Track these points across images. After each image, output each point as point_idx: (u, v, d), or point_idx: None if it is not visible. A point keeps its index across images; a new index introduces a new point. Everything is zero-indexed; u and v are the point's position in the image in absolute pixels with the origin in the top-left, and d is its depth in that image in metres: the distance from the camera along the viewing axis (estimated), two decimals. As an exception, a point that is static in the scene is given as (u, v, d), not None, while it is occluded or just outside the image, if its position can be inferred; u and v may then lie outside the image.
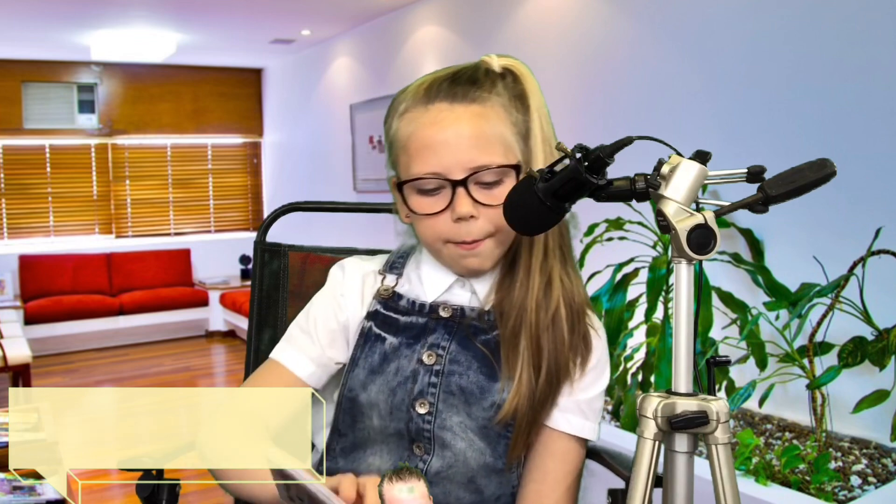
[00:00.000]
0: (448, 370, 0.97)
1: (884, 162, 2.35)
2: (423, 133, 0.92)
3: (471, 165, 0.90)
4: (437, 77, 0.95)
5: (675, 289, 0.77)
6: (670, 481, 0.77)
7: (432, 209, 0.93)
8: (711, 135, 2.90)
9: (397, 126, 0.95)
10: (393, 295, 1.02)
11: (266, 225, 1.38)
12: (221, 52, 6.49)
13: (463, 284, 1.01)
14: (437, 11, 4.67)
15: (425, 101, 0.93)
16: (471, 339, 0.98)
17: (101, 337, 6.28)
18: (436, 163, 0.91)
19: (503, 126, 0.93)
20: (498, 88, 0.94)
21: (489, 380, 0.96)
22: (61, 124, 6.59)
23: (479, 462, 0.97)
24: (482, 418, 0.96)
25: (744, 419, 2.56)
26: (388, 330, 1.00)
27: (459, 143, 0.90)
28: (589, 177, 0.76)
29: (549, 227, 0.84)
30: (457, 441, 0.96)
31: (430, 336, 0.98)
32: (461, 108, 0.91)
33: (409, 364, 0.97)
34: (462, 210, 0.91)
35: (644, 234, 2.61)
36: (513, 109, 0.94)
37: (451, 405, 0.96)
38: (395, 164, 0.98)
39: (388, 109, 0.99)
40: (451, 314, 0.99)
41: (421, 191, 0.93)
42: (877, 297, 2.13)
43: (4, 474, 1.69)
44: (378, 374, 0.98)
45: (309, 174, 6.58)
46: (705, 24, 2.96)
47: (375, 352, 0.99)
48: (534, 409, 0.95)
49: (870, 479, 2.07)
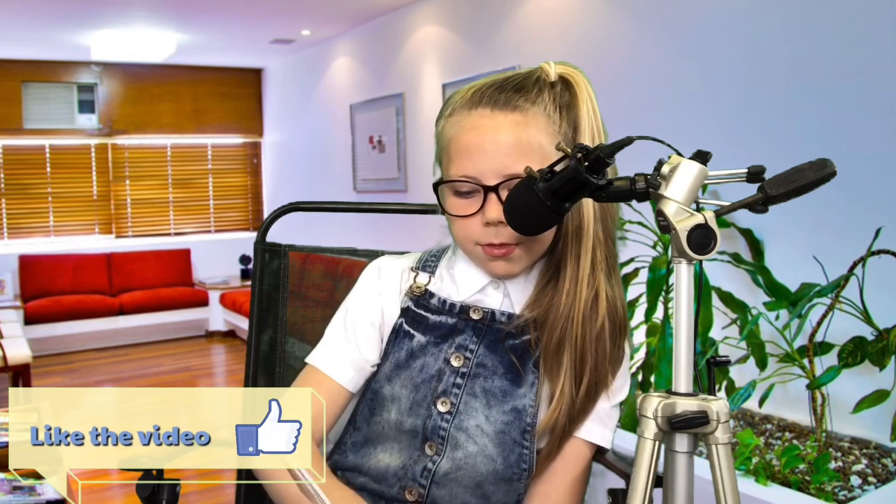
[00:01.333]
0: (474, 373, 0.98)
1: (884, 162, 2.35)
2: (462, 137, 0.94)
3: (505, 172, 0.91)
4: (487, 82, 0.97)
5: (675, 289, 0.77)
6: (670, 481, 0.77)
7: (464, 211, 0.95)
8: (711, 135, 2.90)
9: (443, 126, 0.98)
10: (425, 293, 1.03)
11: (266, 225, 1.38)
12: (221, 52, 6.49)
13: (497, 286, 1.01)
14: (437, 11, 4.67)
15: (469, 106, 0.95)
16: (499, 342, 0.99)
17: (101, 337, 6.28)
18: (471, 167, 0.93)
19: (543, 136, 0.93)
20: (544, 97, 0.95)
21: (513, 385, 0.97)
22: (61, 124, 6.59)
23: (488, 468, 0.97)
24: (500, 422, 0.96)
25: (744, 419, 2.56)
26: (417, 328, 1.01)
27: (496, 149, 0.92)
28: (589, 177, 0.76)
29: (550, 227, 0.84)
30: (469, 444, 0.96)
31: (458, 337, 0.99)
32: (501, 115, 0.93)
33: (435, 362, 0.98)
34: (491, 215, 0.92)
35: (644, 234, 2.61)
36: (557, 119, 0.94)
37: (471, 407, 0.97)
38: (440, 162, 1.00)
39: (441, 109, 1.01)
40: (481, 316, 1.00)
41: (457, 192, 0.95)
42: (877, 297, 2.13)
43: (4, 474, 1.69)
44: (403, 369, 0.99)
45: (309, 174, 6.58)
46: (705, 24, 2.96)
47: (403, 348, 1.00)
48: (571, 419, 0.96)
49: (870, 479, 2.07)
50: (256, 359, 1.36)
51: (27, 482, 1.68)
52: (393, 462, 0.99)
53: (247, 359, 1.37)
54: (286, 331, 1.35)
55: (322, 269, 1.32)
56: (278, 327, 1.35)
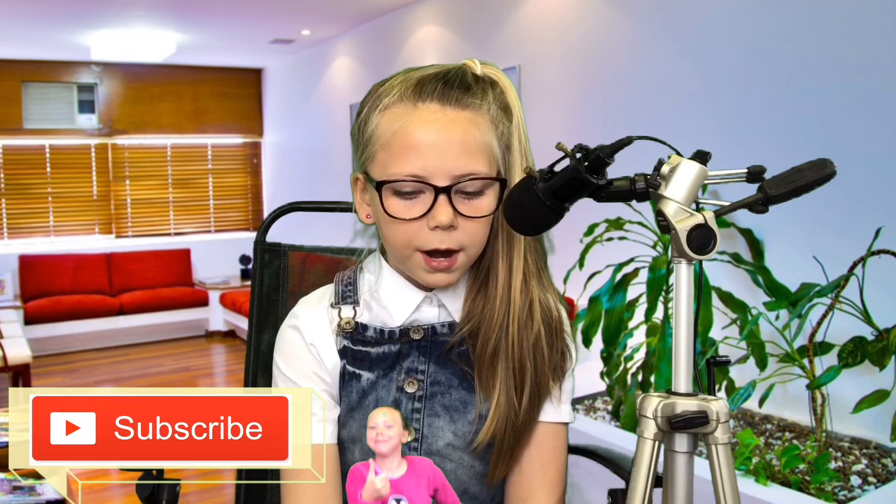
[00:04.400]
0: (430, 392, 0.95)
1: (884, 162, 2.35)
2: (409, 132, 0.87)
3: (456, 173, 0.86)
4: (426, 76, 0.91)
5: (675, 289, 0.77)
6: (670, 481, 0.77)
7: (408, 214, 0.87)
8: (711, 135, 2.90)
9: (378, 121, 0.90)
10: (356, 326, 0.96)
11: (266, 225, 1.38)
12: (221, 52, 6.49)
13: (431, 301, 0.96)
14: (437, 11, 4.67)
15: (414, 99, 0.88)
16: (445, 355, 0.95)
17: (101, 337, 6.28)
18: (420, 165, 0.86)
19: (491, 136, 0.89)
20: (489, 97, 0.91)
21: (470, 393, 0.95)
22: (61, 124, 6.59)
23: (469, 474, 0.96)
24: (469, 433, 0.94)
25: (744, 419, 2.56)
26: (360, 366, 0.95)
27: (448, 147, 0.86)
28: (589, 177, 0.76)
29: (549, 227, 0.84)
30: (445, 463, 0.95)
31: (405, 361, 0.95)
32: (453, 112, 0.88)
33: (388, 395, 0.94)
34: (442, 218, 0.86)
35: (644, 234, 2.61)
36: (499, 121, 0.91)
37: (436, 428, 0.94)
38: (368, 161, 0.92)
39: (363, 103, 0.94)
40: (422, 335, 0.95)
41: (397, 192, 0.88)
42: (877, 297, 2.13)
43: (4, 474, 1.69)
44: (357, 410, 0.95)
45: (309, 174, 6.57)
46: (705, 24, 2.96)
47: (353, 390, 0.95)
48: (517, 431, 0.93)
49: (870, 479, 2.07)
50: (256, 359, 1.36)
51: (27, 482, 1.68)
52: None
53: (247, 359, 1.37)
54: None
55: (322, 269, 1.32)
56: (278, 327, 1.35)
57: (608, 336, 2.39)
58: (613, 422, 2.55)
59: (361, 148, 0.93)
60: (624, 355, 2.52)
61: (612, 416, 2.58)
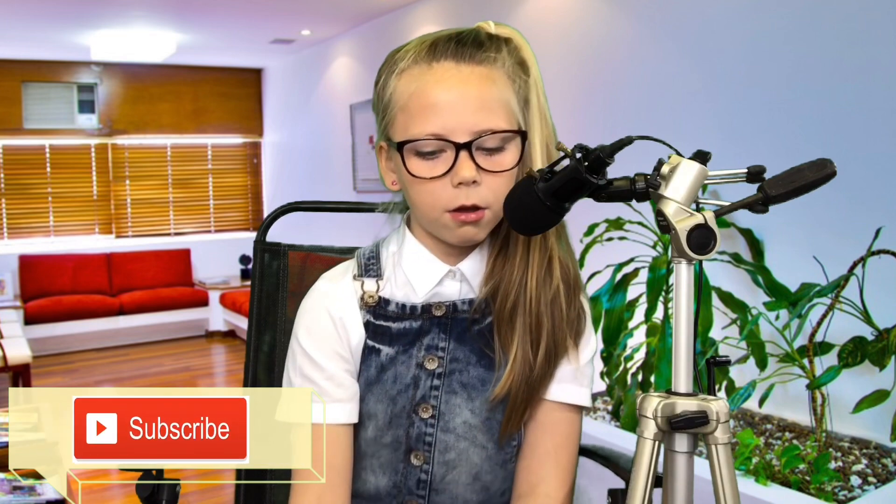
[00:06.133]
0: (449, 370, 0.95)
1: (884, 162, 2.35)
2: (426, 92, 0.87)
3: (475, 128, 0.86)
4: (440, 37, 0.90)
5: (675, 289, 0.77)
6: (670, 481, 0.77)
7: (431, 173, 0.88)
8: (711, 135, 2.90)
9: (395, 85, 0.90)
10: (380, 301, 0.97)
11: (266, 225, 1.38)
12: (221, 52, 6.49)
13: (454, 275, 0.96)
14: (437, 11, 4.67)
15: (429, 60, 0.88)
16: (466, 332, 0.96)
17: (101, 337, 6.28)
18: (439, 124, 0.86)
19: (508, 91, 0.89)
20: (503, 52, 0.91)
21: (488, 370, 0.95)
22: (61, 124, 6.59)
23: (481, 456, 0.96)
24: (486, 409, 0.95)
25: (744, 419, 2.56)
26: (381, 340, 0.96)
27: (466, 104, 0.86)
28: (589, 177, 0.76)
29: (550, 227, 0.83)
30: (461, 442, 0.95)
31: (425, 338, 0.96)
32: (468, 68, 0.88)
33: (407, 371, 0.95)
34: (464, 174, 0.86)
35: (644, 234, 2.61)
36: (515, 76, 0.91)
37: (453, 406, 0.95)
38: (388, 126, 0.92)
39: (381, 70, 0.94)
40: (444, 312, 0.96)
41: (419, 153, 0.88)
42: (877, 297, 2.13)
43: (4, 474, 1.69)
44: (375, 385, 0.95)
45: (309, 174, 6.58)
46: (705, 24, 2.96)
47: (371, 364, 0.96)
48: (531, 386, 0.93)
49: (870, 479, 2.07)
50: (256, 359, 1.36)
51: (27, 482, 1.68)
52: (381, 482, 0.97)
53: (246, 359, 1.37)
54: (286, 331, 1.35)
55: (322, 269, 1.32)
56: (278, 327, 1.35)
57: (608, 336, 2.39)
58: (613, 422, 2.55)
59: (381, 114, 0.94)
60: (624, 355, 2.52)
61: (612, 416, 2.58)
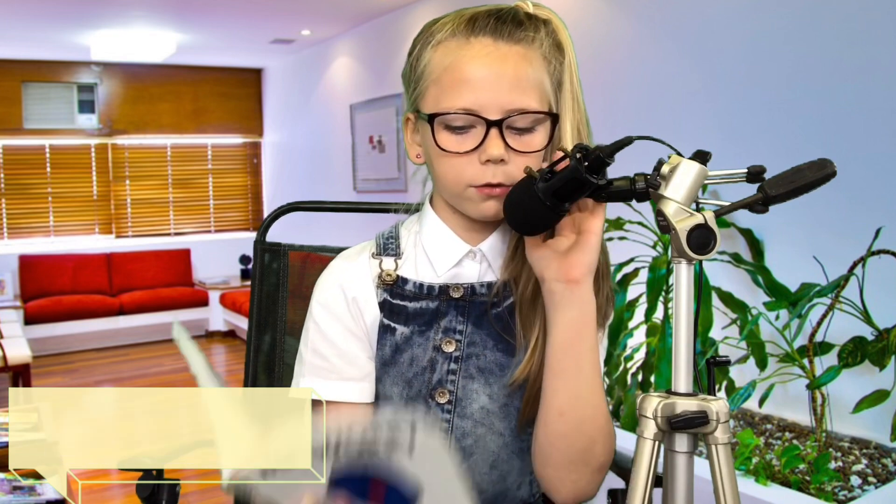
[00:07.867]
0: (467, 353, 0.94)
1: (884, 162, 2.35)
2: (462, 66, 0.87)
3: (508, 107, 0.86)
4: (479, 12, 0.90)
5: (675, 289, 0.77)
6: (670, 481, 0.77)
7: (460, 148, 0.87)
8: (711, 135, 2.90)
9: (430, 57, 0.90)
10: (397, 280, 0.96)
11: (266, 225, 1.38)
12: (221, 52, 6.49)
13: (474, 255, 0.95)
14: (438, 11, 4.65)
15: (467, 34, 0.88)
16: (484, 315, 0.94)
17: (101, 337, 6.28)
18: (472, 99, 0.86)
19: (543, 72, 0.89)
20: (541, 33, 0.90)
21: (506, 355, 0.94)
22: (61, 124, 6.59)
23: (498, 444, 0.94)
24: (503, 395, 0.93)
25: (744, 419, 2.56)
26: (397, 320, 0.94)
27: (500, 82, 0.86)
28: (589, 177, 0.76)
29: (549, 227, 0.83)
30: (478, 428, 0.94)
31: (442, 320, 0.94)
32: (506, 46, 0.87)
33: (424, 353, 0.93)
34: (493, 152, 0.85)
35: (644, 234, 2.61)
36: (552, 58, 0.90)
37: (471, 390, 0.94)
38: (419, 97, 0.92)
39: (415, 41, 0.94)
40: (462, 294, 0.94)
41: (448, 127, 0.88)
42: (877, 297, 2.13)
43: (4, 474, 1.69)
44: (390, 366, 0.94)
45: (309, 174, 6.58)
46: (705, 24, 2.96)
47: (386, 343, 0.95)
48: None
49: (870, 479, 2.07)
50: (256, 359, 1.36)
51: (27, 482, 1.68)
52: None
53: (246, 359, 1.37)
54: (286, 331, 1.36)
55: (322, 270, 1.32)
56: (278, 327, 1.36)
57: (608, 336, 2.39)
58: (613, 422, 2.55)
59: (413, 85, 0.94)
60: (624, 355, 2.52)
61: (612, 416, 2.58)
